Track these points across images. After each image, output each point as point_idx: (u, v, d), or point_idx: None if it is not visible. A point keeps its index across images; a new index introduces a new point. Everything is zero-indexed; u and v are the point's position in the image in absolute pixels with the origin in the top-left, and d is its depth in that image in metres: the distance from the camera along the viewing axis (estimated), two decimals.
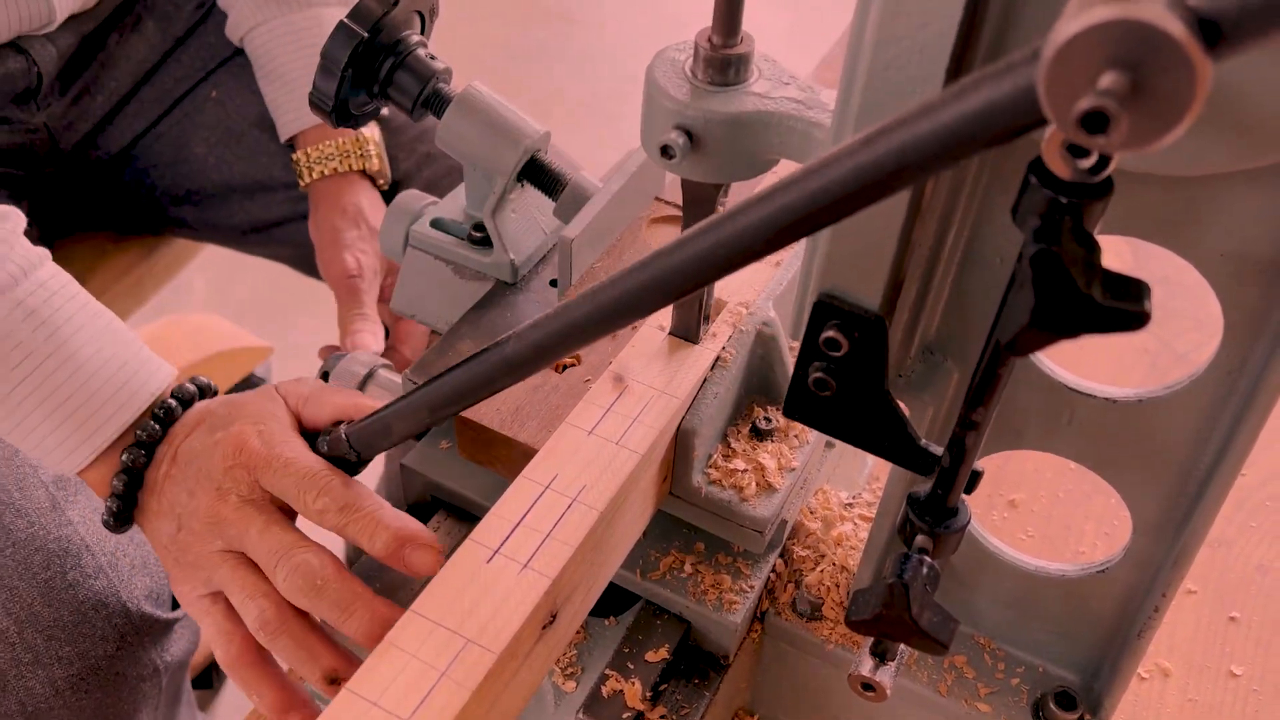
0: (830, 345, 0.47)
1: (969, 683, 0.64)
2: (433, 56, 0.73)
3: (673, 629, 0.64)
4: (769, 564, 0.66)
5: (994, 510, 0.86)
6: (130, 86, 1.09)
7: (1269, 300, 0.45)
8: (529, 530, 0.53)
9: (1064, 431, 0.54)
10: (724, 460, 0.62)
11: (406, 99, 0.73)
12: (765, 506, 0.60)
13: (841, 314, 0.47)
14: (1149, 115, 0.28)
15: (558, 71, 2.68)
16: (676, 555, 0.65)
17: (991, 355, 0.41)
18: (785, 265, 0.68)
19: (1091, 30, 0.28)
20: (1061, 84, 0.29)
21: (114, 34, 1.06)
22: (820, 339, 0.47)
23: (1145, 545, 0.56)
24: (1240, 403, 0.48)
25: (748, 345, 0.63)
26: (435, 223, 0.77)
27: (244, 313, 1.94)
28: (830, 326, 0.47)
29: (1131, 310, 0.33)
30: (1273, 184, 0.42)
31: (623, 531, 0.59)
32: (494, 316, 0.72)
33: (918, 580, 0.46)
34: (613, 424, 0.58)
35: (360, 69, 0.70)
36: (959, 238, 0.49)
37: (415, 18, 0.73)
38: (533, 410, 0.61)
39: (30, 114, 1.02)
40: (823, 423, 0.50)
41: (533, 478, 0.55)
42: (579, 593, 0.55)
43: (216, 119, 1.09)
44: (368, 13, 0.68)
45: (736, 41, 0.51)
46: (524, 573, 0.51)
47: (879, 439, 0.49)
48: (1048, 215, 0.34)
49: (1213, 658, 0.78)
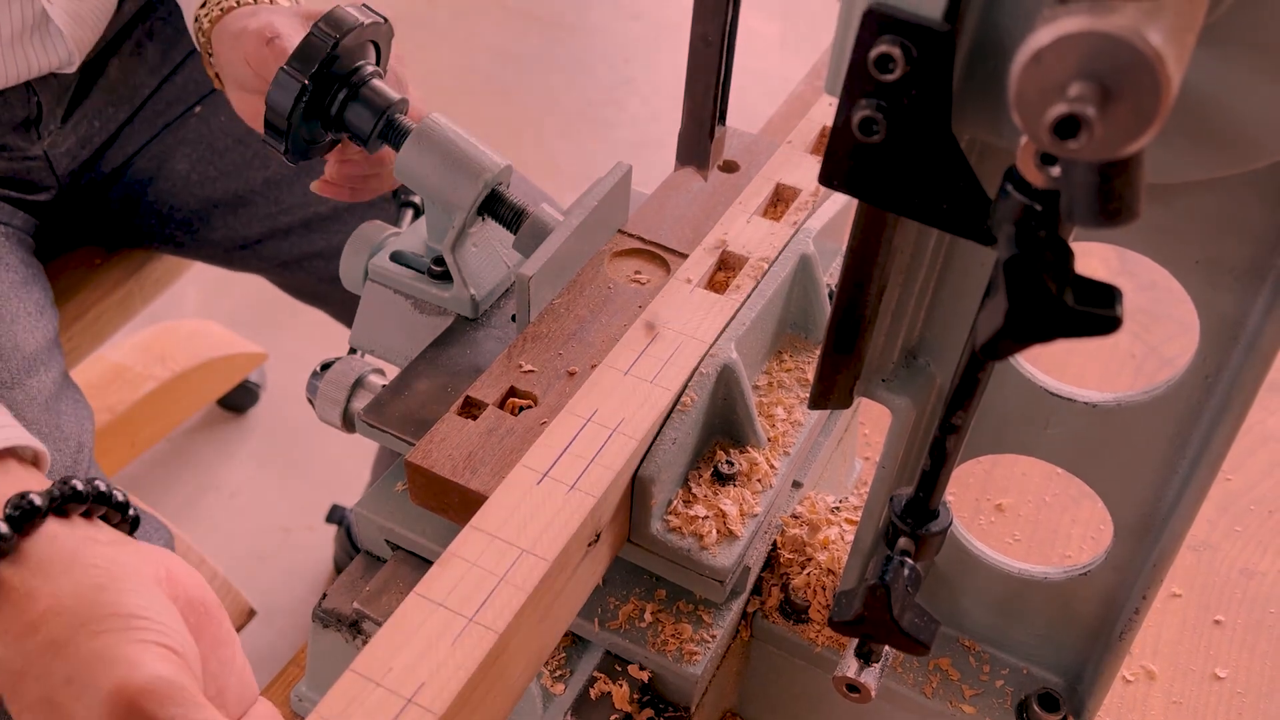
0: (882, 66, 0.37)
1: (954, 685, 0.64)
2: (382, 89, 0.71)
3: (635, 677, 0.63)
4: (733, 611, 0.64)
5: (981, 514, 0.87)
6: (129, 113, 1.09)
7: (1243, 306, 0.46)
8: (574, 457, 0.57)
9: (1044, 436, 0.55)
10: (684, 506, 0.61)
11: (361, 132, 0.72)
12: (725, 555, 0.59)
13: (899, 25, 0.36)
14: (1117, 124, 0.29)
15: (551, 78, 2.69)
16: (637, 603, 0.64)
17: (971, 359, 0.42)
18: (747, 303, 0.67)
19: (1063, 40, 0.28)
20: (1033, 90, 0.29)
21: (114, 59, 1.06)
22: (871, 58, 0.37)
23: (1126, 548, 0.57)
24: (1217, 407, 0.49)
25: (709, 387, 0.62)
26: (395, 255, 0.75)
27: (238, 318, 1.95)
28: (884, 41, 0.36)
29: (1103, 315, 0.34)
30: (1246, 192, 0.43)
31: None
32: (454, 353, 0.71)
33: (899, 582, 0.47)
34: (647, 365, 0.62)
35: (312, 104, 0.69)
36: (940, 243, 0.49)
37: (369, 47, 0.72)
38: (485, 456, 0.60)
39: (30, 142, 1.02)
40: (866, 185, 0.40)
41: (575, 412, 0.60)
42: (617, 519, 0.59)
43: (199, 134, 1.09)
44: (312, 52, 0.67)
45: None
46: (571, 493, 0.55)
47: (940, 201, 0.39)
48: (1022, 222, 0.35)
49: (1198, 660, 0.78)
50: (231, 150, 1.08)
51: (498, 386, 0.63)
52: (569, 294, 0.70)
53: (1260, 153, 0.38)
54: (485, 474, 0.59)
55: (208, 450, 1.81)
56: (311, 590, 1.62)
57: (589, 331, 0.67)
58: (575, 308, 0.69)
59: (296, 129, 0.70)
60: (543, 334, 0.67)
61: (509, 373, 0.64)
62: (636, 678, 0.62)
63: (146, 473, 1.75)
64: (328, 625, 0.69)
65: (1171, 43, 0.28)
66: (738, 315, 0.66)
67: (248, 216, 1.10)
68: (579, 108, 2.59)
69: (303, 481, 1.77)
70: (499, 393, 0.63)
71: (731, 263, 0.70)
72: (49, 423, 0.85)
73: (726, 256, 0.71)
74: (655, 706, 0.63)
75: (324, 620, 0.69)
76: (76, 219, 1.14)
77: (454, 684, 0.47)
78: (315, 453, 1.80)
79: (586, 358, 0.65)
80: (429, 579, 0.51)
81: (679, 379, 0.62)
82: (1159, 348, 1.02)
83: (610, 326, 0.68)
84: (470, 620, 0.49)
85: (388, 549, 0.70)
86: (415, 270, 0.75)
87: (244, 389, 1.84)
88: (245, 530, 1.69)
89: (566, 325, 0.68)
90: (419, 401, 0.67)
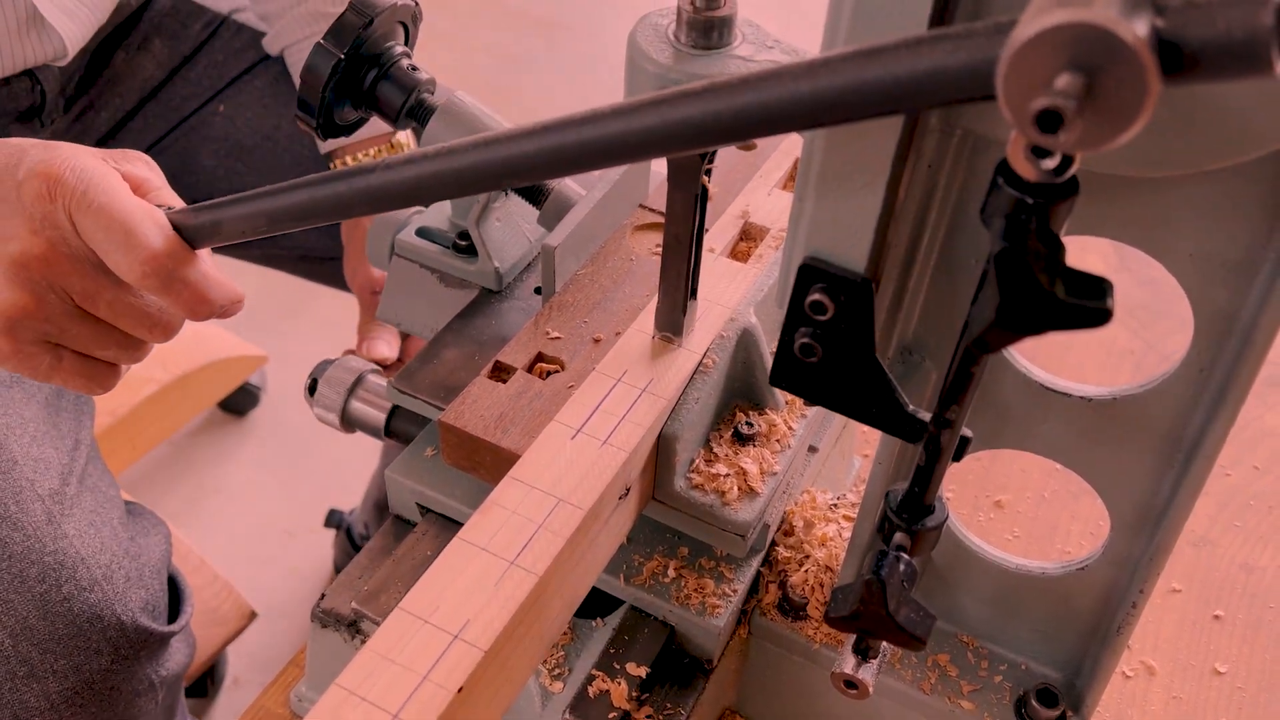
0: (816, 309, 0.47)
1: (952, 681, 0.64)
2: (415, 67, 0.74)
3: (658, 632, 0.65)
4: (752, 567, 0.66)
5: (980, 511, 0.87)
6: (135, 104, 1.09)
7: (1237, 299, 0.46)
8: (606, 414, 0.60)
9: (1041, 430, 0.55)
10: (706, 465, 0.63)
11: (391, 109, 0.73)
12: (747, 510, 0.61)
13: (828, 277, 0.46)
14: (1103, 117, 0.29)
15: (550, 79, 2.69)
16: (660, 560, 0.66)
17: (964, 354, 0.42)
18: (766, 271, 0.68)
19: (1047, 32, 0.28)
20: (1019, 82, 0.29)
21: (120, 52, 1.06)
22: (806, 302, 0.47)
23: (1123, 542, 0.57)
24: (1211, 400, 0.49)
25: (729, 350, 0.64)
26: (421, 231, 0.77)
27: (238, 321, 1.95)
28: (816, 289, 0.46)
29: (1094, 307, 0.34)
30: (1239, 184, 0.43)
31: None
32: (479, 324, 0.73)
33: (895, 577, 0.47)
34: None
35: (343, 82, 0.71)
36: (934, 239, 0.49)
37: (398, 29, 0.74)
38: (516, 417, 0.62)
39: (34, 131, 1.02)
40: (809, 390, 0.49)
41: (606, 373, 0.62)
42: (644, 475, 0.61)
43: (225, 133, 1.10)
44: (346, 30, 0.69)
45: (720, 4, 0.50)
46: (604, 448, 0.58)
47: (867, 406, 0.48)
48: (1013, 215, 0.35)
49: (1197, 656, 0.78)
50: (260, 148, 1.09)
51: (526, 352, 0.65)
52: (592, 265, 0.72)
53: (1252, 144, 0.38)
54: (516, 434, 0.61)
55: (208, 452, 1.82)
56: (311, 592, 1.62)
57: (613, 301, 0.69)
58: (599, 278, 0.71)
59: (328, 104, 0.71)
60: (568, 303, 0.69)
61: (536, 339, 0.66)
62: (634, 675, 0.63)
63: (147, 475, 1.75)
64: (326, 625, 0.69)
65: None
66: (755, 281, 0.68)
67: None
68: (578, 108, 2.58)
69: (303, 484, 1.77)
70: (527, 358, 0.65)
71: (753, 233, 0.73)
72: (46, 419, 0.85)
73: (749, 228, 0.73)
74: (678, 660, 0.66)
75: (323, 621, 0.69)
76: None
77: (498, 622, 0.49)
78: (315, 455, 1.80)
79: (611, 325, 0.67)
80: (471, 526, 0.54)
81: (703, 343, 0.64)
82: (1158, 343, 1.02)
83: (633, 297, 0.69)
84: (511, 563, 0.52)
85: (418, 513, 0.71)
86: (440, 245, 0.76)
87: (244, 391, 1.84)
88: (246, 532, 1.69)
89: (591, 295, 0.69)
90: (447, 369, 0.70)
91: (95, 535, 0.81)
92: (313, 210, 0.53)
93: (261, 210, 0.54)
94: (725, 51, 0.51)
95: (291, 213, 0.53)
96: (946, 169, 0.46)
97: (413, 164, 0.48)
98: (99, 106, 1.07)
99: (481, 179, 0.47)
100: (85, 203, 0.55)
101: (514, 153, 0.45)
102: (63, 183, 0.55)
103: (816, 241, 0.46)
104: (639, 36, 0.52)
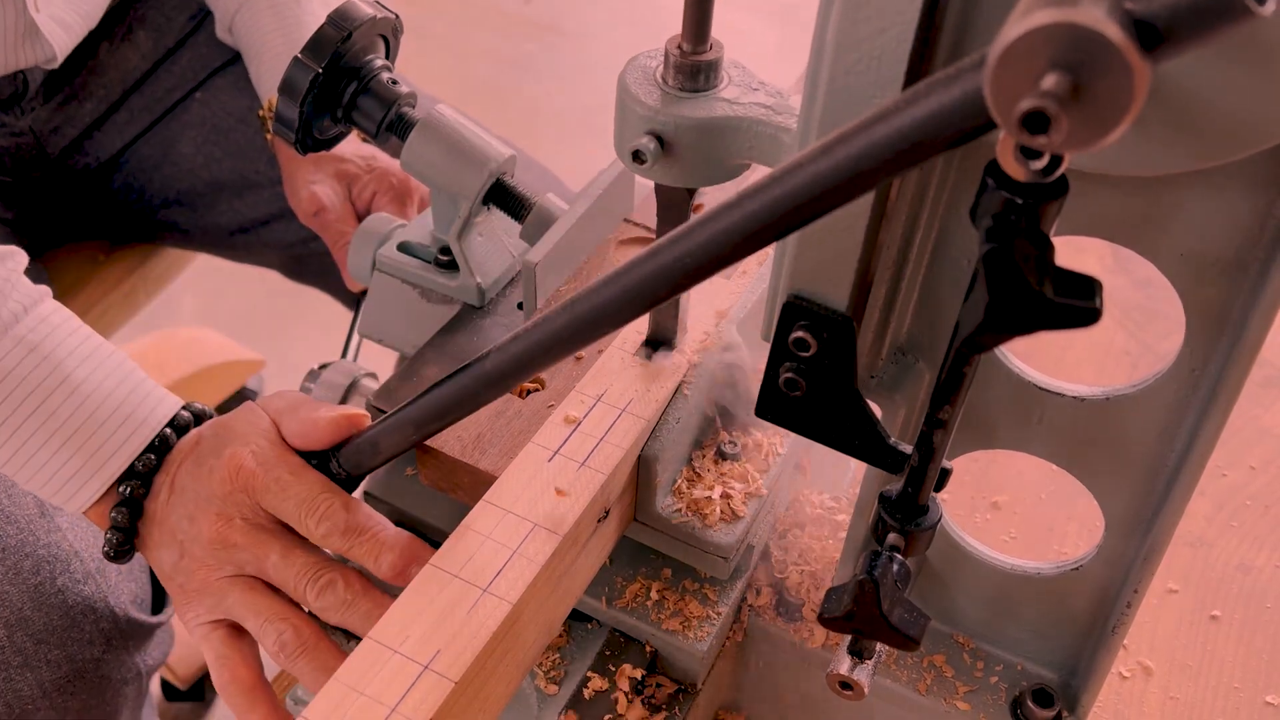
0: (799, 345, 0.48)
1: (948, 681, 0.64)
2: (395, 81, 0.73)
3: (641, 655, 0.64)
4: (737, 589, 0.65)
5: (977, 513, 0.87)
6: (120, 94, 1.10)
7: (1228, 299, 0.46)
8: (584, 435, 0.58)
9: (1034, 430, 0.55)
10: (688, 486, 0.62)
11: (370, 123, 0.73)
12: (729, 533, 0.60)
13: (810, 314, 0.48)
14: (1090, 116, 0.29)
15: (546, 84, 2.69)
16: (643, 582, 0.65)
17: (956, 353, 0.42)
18: (749, 287, 0.68)
19: (1032, 33, 0.28)
20: (1006, 86, 0.29)
21: (104, 42, 1.07)
22: (789, 339, 0.48)
23: (1117, 542, 0.57)
24: (1204, 400, 0.49)
25: (711, 369, 0.63)
26: (402, 246, 0.76)
27: (235, 326, 1.95)
28: (799, 327, 0.48)
29: (1083, 306, 0.34)
30: (1229, 184, 0.43)
31: None
32: (461, 340, 0.72)
33: (888, 577, 0.47)
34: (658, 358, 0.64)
35: (322, 95, 0.70)
36: (926, 240, 0.49)
37: (379, 42, 0.73)
38: (494, 438, 0.61)
39: (16, 118, 1.03)
40: (793, 422, 0.51)
41: (585, 392, 0.61)
42: (625, 497, 0.60)
43: (202, 117, 1.10)
44: (325, 44, 0.68)
45: (706, 48, 0.52)
46: (582, 470, 0.57)
47: (849, 438, 0.50)
48: (1002, 215, 0.35)
49: (1194, 656, 0.78)
50: (235, 130, 1.09)
51: None
52: (575, 281, 0.71)
53: (1242, 144, 0.38)
54: (494, 454, 0.61)
55: None
56: None
57: None
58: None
59: (306, 118, 0.71)
60: None
61: None
62: (631, 676, 0.63)
63: None
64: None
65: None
66: (739, 300, 0.67)
67: (253, 199, 1.11)
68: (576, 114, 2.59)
69: None
70: None
71: None
72: None
73: None
74: (661, 685, 0.64)
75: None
76: (78, 209, 1.15)
77: (469, 652, 0.48)
78: None
79: (593, 344, 0.66)
80: (444, 551, 0.53)
81: (685, 361, 0.63)
82: (1154, 344, 1.02)
83: None
84: (485, 591, 0.51)
85: None
86: (422, 260, 0.76)
87: (241, 396, 1.84)
88: None
89: None
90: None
91: (88, 528, 0.82)
92: (451, 405, 0.55)
93: (407, 419, 0.57)
94: (712, 94, 0.52)
95: (432, 414, 0.56)
96: (938, 170, 0.47)
97: (532, 333, 0.51)
98: (83, 97, 1.08)
99: (580, 341, 0.50)
100: (270, 490, 0.60)
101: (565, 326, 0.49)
102: (246, 473, 0.61)
103: (799, 281, 0.48)
104: (628, 78, 0.53)
